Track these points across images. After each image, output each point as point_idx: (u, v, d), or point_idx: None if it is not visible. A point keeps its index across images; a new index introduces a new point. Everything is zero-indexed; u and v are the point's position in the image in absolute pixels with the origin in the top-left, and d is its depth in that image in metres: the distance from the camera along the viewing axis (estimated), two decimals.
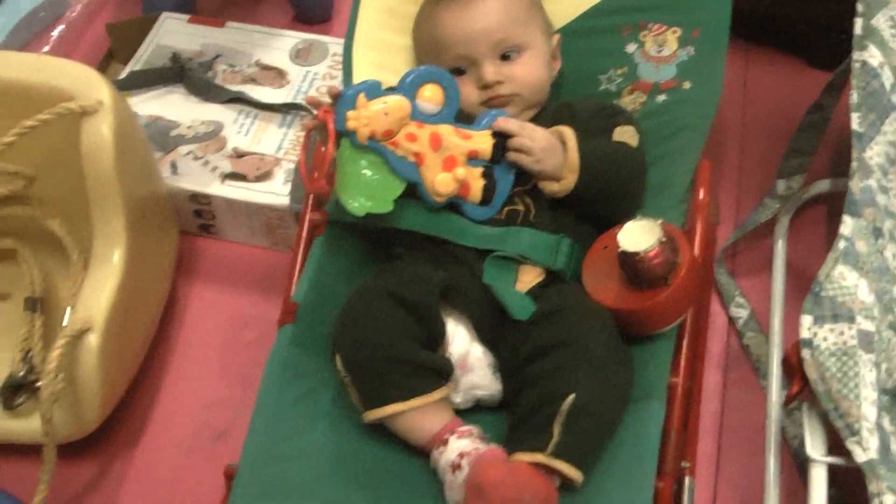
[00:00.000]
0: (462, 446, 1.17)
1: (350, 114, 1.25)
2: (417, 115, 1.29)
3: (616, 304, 1.23)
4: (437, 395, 1.21)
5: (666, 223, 1.24)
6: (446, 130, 1.30)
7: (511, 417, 1.22)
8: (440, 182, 1.29)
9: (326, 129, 1.25)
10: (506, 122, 1.32)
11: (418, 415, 1.21)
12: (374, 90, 1.27)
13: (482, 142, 1.31)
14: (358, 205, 1.26)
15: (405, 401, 1.20)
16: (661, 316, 1.23)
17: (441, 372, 1.23)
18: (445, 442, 1.19)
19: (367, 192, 1.27)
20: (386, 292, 1.23)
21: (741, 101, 1.80)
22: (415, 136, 1.28)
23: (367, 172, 1.27)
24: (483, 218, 1.32)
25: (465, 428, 1.20)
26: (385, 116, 1.26)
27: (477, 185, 1.31)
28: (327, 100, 1.28)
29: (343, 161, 1.27)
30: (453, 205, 1.32)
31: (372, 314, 1.23)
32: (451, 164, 1.30)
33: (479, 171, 1.31)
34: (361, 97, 1.26)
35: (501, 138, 1.31)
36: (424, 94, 1.30)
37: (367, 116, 1.25)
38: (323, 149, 1.27)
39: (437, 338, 1.25)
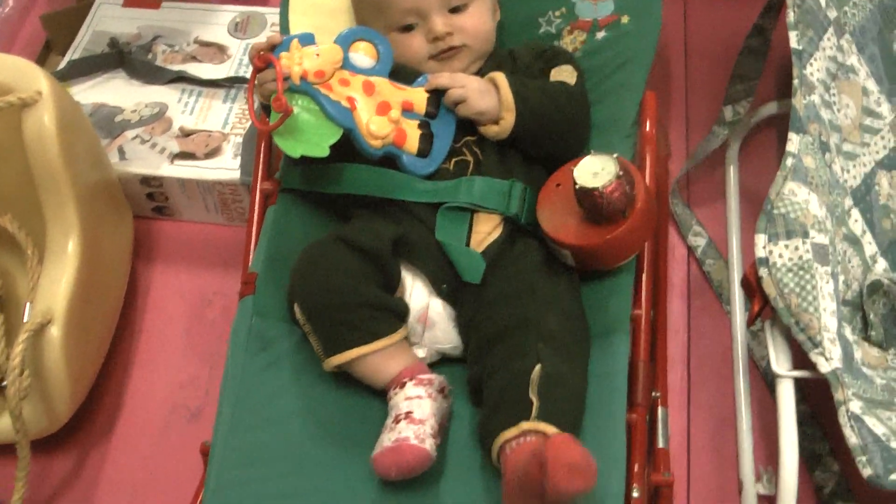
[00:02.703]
0: (416, 394, 1.18)
1: (283, 54, 1.27)
2: (351, 67, 1.30)
3: (576, 240, 1.24)
4: (397, 335, 1.22)
5: (620, 157, 1.24)
6: (380, 81, 1.31)
7: (482, 407, 1.20)
8: (375, 123, 1.28)
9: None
10: (436, 78, 1.32)
11: (380, 357, 1.21)
12: (307, 39, 1.30)
13: (416, 95, 1.32)
14: (291, 146, 1.26)
15: (367, 344, 1.20)
16: (621, 249, 1.24)
17: (399, 314, 1.24)
18: (403, 385, 1.19)
19: (301, 137, 1.27)
20: (339, 240, 1.24)
21: (683, 30, 1.80)
22: (348, 81, 1.29)
23: (303, 115, 1.27)
24: (424, 172, 1.31)
25: (425, 376, 1.21)
26: (317, 58, 1.28)
27: (413, 134, 1.31)
28: (266, 51, 1.28)
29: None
30: (392, 160, 1.31)
31: (327, 260, 1.23)
32: (385, 108, 1.30)
33: (415, 122, 1.32)
34: (295, 42, 1.28)
35: (434, 92, 1.32)
36: (358, 48, 1.32)
37: (299, 56, 1.27)
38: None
39: (392, 283, 1.26)
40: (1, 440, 1.42)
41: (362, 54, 1.32)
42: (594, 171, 1.21)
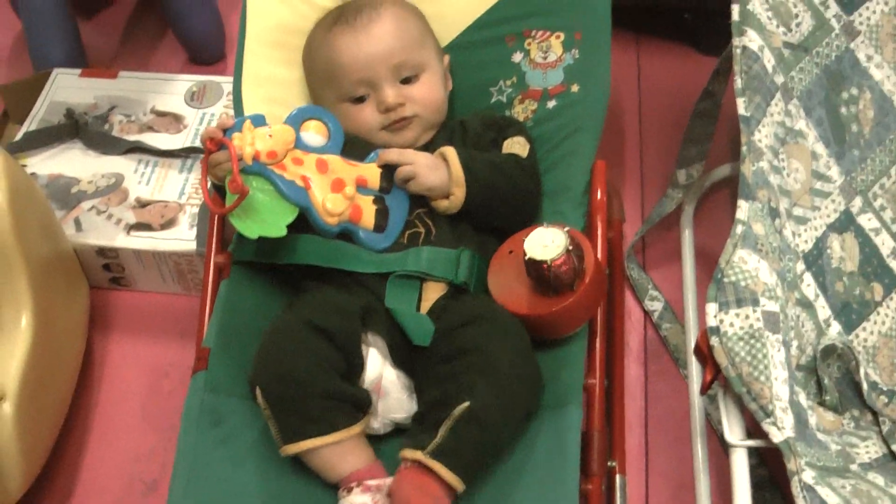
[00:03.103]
0: (361, 501, 1.17)
1: (235, 135, 1.27)
2: (303, 146, 1.31)
3: (524, 310, 1.24)
4: (355, 428, 1.21)
5: (571, 229, 1.25)
6: (333, 158, 1.32)
7: (414, 416, 1.24)
8: (331, 201, 1.29)
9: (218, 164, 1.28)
10: (386, 154, 1.33)
11: (335, 451, 1.20)
12: (259, 120, 1.30)
13: (370, 170, 1.33)
14: (247, 227, 1.26)
15: (323, 435, 1.19)
16: (569, 320, 1.25)
17: (359, 404, 1.23)
18: (350, 490, 1.18)
19: (258, 217, 1.27)
20: (305, 323, 1.22)
21: (637, 93, 1.83)
22: (301, 160, 1.30)
23: (258, 196, 1.27)
24: (380, 247, 1.32)
25: (373, 482, 1.19)
26: (269, 138, 1.28)
27: (369, 210, 1.31)
28: (218, 133, 1.28)
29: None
30: (349, 235, 1.32)
31: (291, 346, 1.22)
32: (340, 185, 1.31)
33: (370, 198, 1.32)
34: (248, 123, 1.29)
35: (386, 167, 1.33)
36: (309, 126, 1.33)
37: (252, 137, 1.27)
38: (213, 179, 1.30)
39: (356, 367, 1.25)
40: None
41: (313, 133, 1.33)
42: (544, 243, 1.22)
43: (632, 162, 1.74)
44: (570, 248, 1.21)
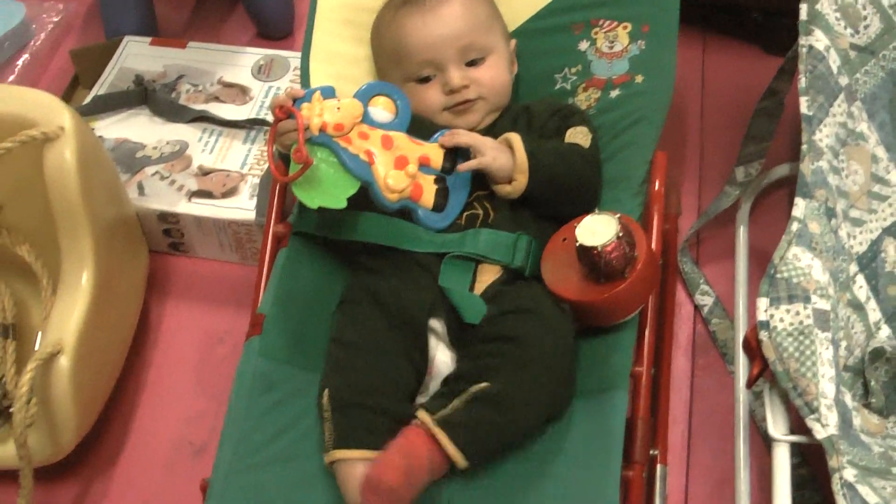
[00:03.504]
0: None
1: (304, 105, 1.29)
2: (370, 121, 1.32)
3: (574, 296, 1.25)
4: None
5: (625, 216, 1.26)
6: (398, 135, 1.33)
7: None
8: (392, 177, 1.30)
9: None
10: (454, 135, 1.34)
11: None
12: (329, 92, 1.31)
13: (433, 150, 1.34)
14: (310, 199, 1.28)
15: (374, 450, 1.17)
16: (619, 308, 1.25)
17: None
18: None
19: (320, 188, 1.28)
20: (380, 336, 1.25)
21: (700, 90, 1.82)
22: (367, 134, 1.31)
23: (322, 167, 1.29)
24: (439, 226, 1.33)
25: None
26: (337, 111, 1.29)
27: (430, 188, 1.33)
28: (287, 102, 1.30)
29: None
30: (408, 213, 1.33)
31: (368, 361, 1.24)
32: (403, 162, 1.32)
33: (431, 178, 1.34)
34: (317, 94, 1.30)
35: (450, 149, 1.34)
36: (377, 102, 1.34)
37: (320, 108, 1.28)
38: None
39: (423, 371, 1.28)
40: (4, 465, 1.44)
41: (381, 109, 1.34)
42: (595, 229, 1.23)
43: (691, 156, 1.74)
44: (621, 234, 1.22)
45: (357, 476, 1.17)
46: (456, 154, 1.35)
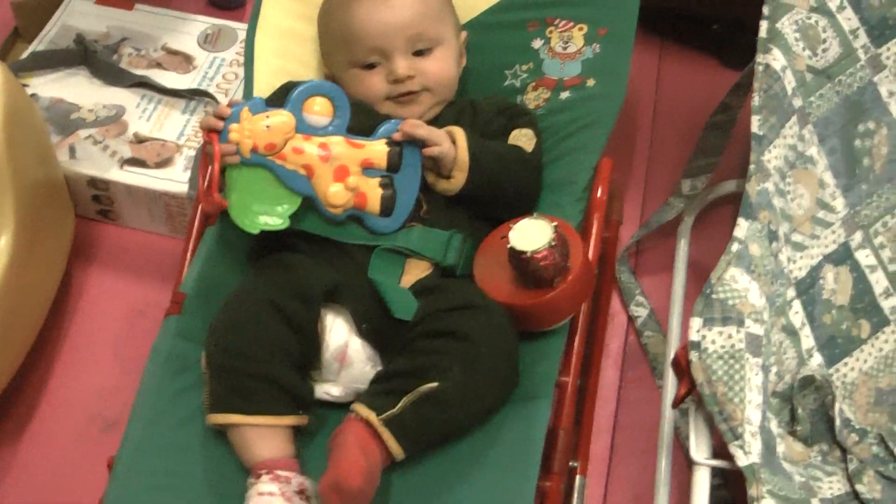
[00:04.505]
0: (269, 490, 1.13)
1: (232, 126, 1.24)
2: (305, 129, 1.27)
3: (501, 297, 1.23)
4: (285, 419, 1.18)
5: (563, 223, 1.23)
6: (337, 141, 1.28)
7: (377, 374, 1.22)
8: (333, 194, 1.26)
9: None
10: (410, 128, 1.28)
11: (256, 433, 1.17)
12: (258, 106, 1.26)
13: (376, 151, 1.29)
14: (250, 222, 1.25)
15: (248, 414, 1.16)
16: (545, 316, 1.23)
17: (301, 400, 1.20)
18: (258, 476, 1.15)
19: (260, 209, 1.25)
20: (268, 302, 1.19)
21: (653, 97, 1.80)
22: (302, 149, 1.26)
23: (259, 188, 1.25)
24: (388, 230, 1.29)
25: (283, 472, 1.15)
26: (267, 129, 1.25)
27: (374, 195, 1.28)
28: (218, 124, 1.25)
29: (234, 178, 1.26)
30: (356, 218, 1.29)
31: (247, 323, 1.19)
32: (343, 173, 1.27)
33: (376, 181, 1.29)
34: (245, 111, 1.25)
35: (397, 146, 1.29)
36: (313, 107, 1.28)
37: (249, 129, 1.24)
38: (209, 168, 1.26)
39: (313, 352, 1.23)
40: None
41: (317, 113, 1.28)
42: (530, 234, 1.20)
43: (638, 164, 1.71)
44: (554, 243, 1.19)
45: (243, 442, 1.16)
46: (402, 149, 1.30)
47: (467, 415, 1.18)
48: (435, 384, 1.15)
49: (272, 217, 1.25)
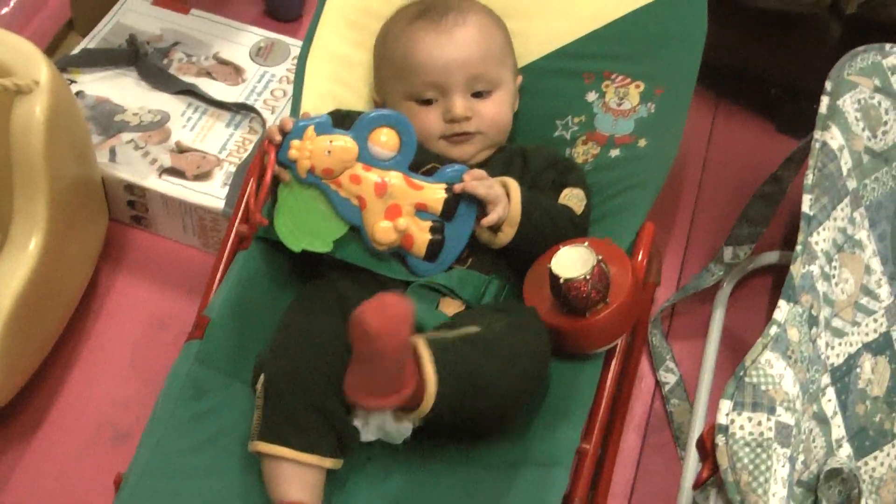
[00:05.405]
0: None
1: (294, 143, 1.22)
2: (367, 158, 1.25)
3: (539, 308, 1.24)
4: (326, 462, 1.15)
5: (622, 256, 1.25)
6: (396, 178, 1.26)
7: None
8: (380, 230, 1.25)
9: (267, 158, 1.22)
10: (472, 187, 1.25)
11: (295, 471, 1.14)
12: (324, 126, 1.24)
13: (433, 195, 1.27)
14: (294, 239, 1.23)
15: (299, 451, 1.14)
16: (575, 342, 1.25)
17: (344, 442, 1.17)
18: None
19: (306, 228, 1.24)
20: (329, 332, 1.18)
21: (703, 154, 1.76)
22: (360, 178, 1.24)
23: (310, 208, 1.24)
24: (427, 274, 1.28)
25: None
26: (328, 154, 1.23)
27: (422, 239, 1.27)
28: (276, 137, 1.24)
29: (286, 194, 1.24)
30: (398, 254, 1.28)
31: (313, 350, 1.17)
32: (394, 212, 1.25)
33: (427, 224, 1.27)
34: (310, 130, 1.23)
35: (454, 195, 1.26)
36: (379, 137, 1.26)
37: (309, 150, 1.22)
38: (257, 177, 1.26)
39: None
40: None
41: (383, 145, 1.26)
42: (573, 261, 1.21)
43: (681, 226, 1.68)
44: (590, 276, 1.19)
45: (280, 476, 1.13)
46: (459, 201, 1.27)
47: (501, 368, 1.15)
48: (478, 329, 1.16)
49: (317, 240, 1.24)
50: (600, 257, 1.21)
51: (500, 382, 1.16)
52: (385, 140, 1.26)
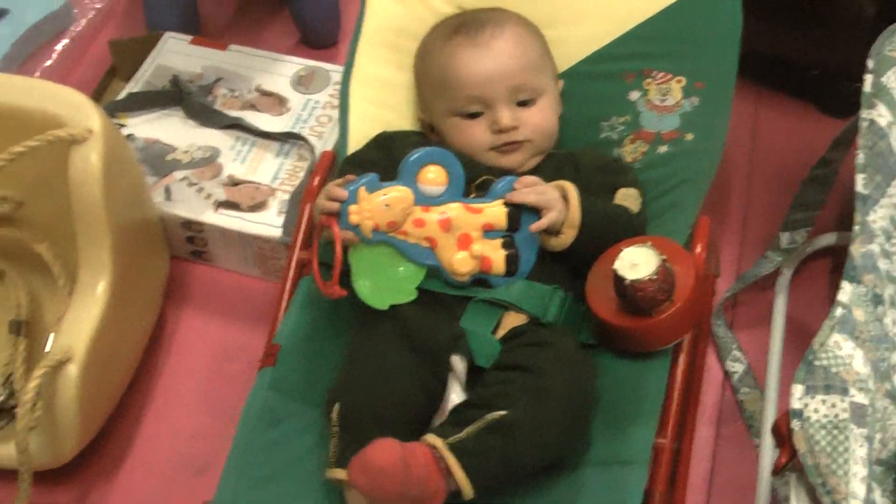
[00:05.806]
0: None
1: (352, 208, 1.24)
2: (422, 200, 1.27)
3: (601, 311, 1.25)
4: None
5: (684, 255, 1.25)
6: (455, 209, 1.28)
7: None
8: (457, 262, 1.26)
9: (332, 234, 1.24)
10: (521, 196, 1.27)
11: None
12: (373, 184, 1.25)
13: (495, 213, 1.28)
14: (379, 299, 1.25)
15: None
16: (641, 341, 1.25)
17: None
18: None
19: (387, 284, 1.26)
20: (400, 364, 1.21)
21: (750, 146, 1.76)
22: (423, 221, 1.26)
23: (384, 264, 1.26)
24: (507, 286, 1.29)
25: None
26: (387, 208, 1.24)
27: (499, 258, 1.28)
28: (335, 206, 1.25)
29: (357, 259, 1.26)
30: (480, 280, 1.29)
31: (390, 380, 1.20)
32: (466, 241, 1.27)
33: (498, 242, 1.28)
34: (362, 191, 1.24)
35: (514, 206, 1.28)
36: (427, 176, 1.27)
37: (368, 210, 1.24)
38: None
39: (435, 410, 1.23)
40: (4, 465, 1.40)
41: (432, 182, 1.27)
42: (637, 261, 1.21)
43: (734, 216, 1.68)
44: (655, 277, 1.20)
45: (361, 501, 1.13)
46: (519, 209, 1.28)
47: (533, 446, 1.16)
48: (501, 413, 1.14)
49: (401, 293, 1.26)
50: (664, 257, 1.21)
51: (534, 457, 1.17)
52: (433, 177, 1.27)
